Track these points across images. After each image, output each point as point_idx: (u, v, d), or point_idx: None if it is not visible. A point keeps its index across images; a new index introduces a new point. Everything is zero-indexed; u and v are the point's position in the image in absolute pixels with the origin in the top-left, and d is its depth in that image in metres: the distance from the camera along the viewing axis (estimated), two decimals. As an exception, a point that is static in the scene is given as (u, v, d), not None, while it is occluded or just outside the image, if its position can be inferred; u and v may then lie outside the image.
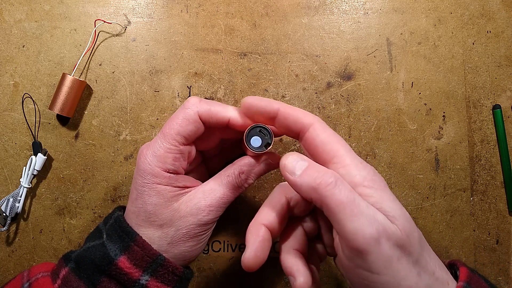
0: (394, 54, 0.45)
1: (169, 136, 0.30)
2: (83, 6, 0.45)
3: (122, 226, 0.30)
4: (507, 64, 0.45)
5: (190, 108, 0.31)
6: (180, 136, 0.30)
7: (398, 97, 0.45)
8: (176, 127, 0.30)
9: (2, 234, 0.44)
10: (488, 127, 0.45)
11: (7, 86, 0.45)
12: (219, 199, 0.31)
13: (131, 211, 0.31)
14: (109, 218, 0.33)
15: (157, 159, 0.30)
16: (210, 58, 0.45)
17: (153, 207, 0.30)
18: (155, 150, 0.30)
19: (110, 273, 0.28)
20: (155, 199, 0.30)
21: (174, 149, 0.30)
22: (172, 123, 0.31)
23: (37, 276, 0.30)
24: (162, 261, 0.29)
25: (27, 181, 0.43)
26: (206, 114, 0.31)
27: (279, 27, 0.45)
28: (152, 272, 0.29)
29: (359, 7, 0.45)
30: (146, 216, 0.30)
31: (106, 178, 0.45)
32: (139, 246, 0.29)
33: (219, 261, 0.45)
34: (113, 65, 0.45)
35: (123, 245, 0.29)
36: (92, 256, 0.29)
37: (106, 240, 0.30)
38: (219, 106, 0.31)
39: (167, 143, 0.30)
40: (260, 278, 0.44)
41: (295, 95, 0.45)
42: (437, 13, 0.45)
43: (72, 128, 0.45)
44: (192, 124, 0.31)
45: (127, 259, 0.29)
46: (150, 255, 0.29)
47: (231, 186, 0.32)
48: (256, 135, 0.30)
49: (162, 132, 0.31)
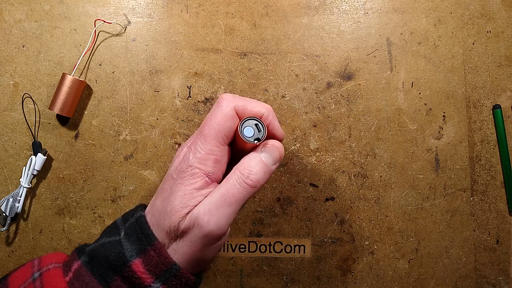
0: (394, 54, 0.45)
1: (209, 137, 0.29)
2: (83, 6, 0.45)
3: (143, 228, 0.29)
4: (507, 64, 0.45)
5: (226, 104, 0.30)
6: (221, 135, 0.30)
7: (398, 97, 0.45)
8: (215, 126, 0.29)
9: (2, 234, 0.44)
10: (488, 127, 0.45)
11: (7, 86, 0.45)
12: (232, 204, 0.30)
13: (158, 208, 0.30)
14: (129, 215, 0.32)
15: (198, 160, 0.29)
16: (210, 58, 0.45)
17: (173, 214, 0.29)
18: (196, 151, 0.29)
19: (122, 274, 0.28)
20: (178, 201, 0.29)
21: (215, 150, 0.30)
22: (210, 122, 0.30)
23: (48, 267, 0.30)
24: (176, 272, 0.29)
25: (27, 181, 0.43)
26: (241, 109, 0.30)
27: (279, 27, 0.45)
28: (165, 280, 0.28)
29: (359, 7, 0.45)
30: (164, 218, 0.29)
31: (106, 178, 0.45)
32: (156, 251, 0.28)
33: (219, 261, 0.45)
34: (113, 65, 0.45)
35: (140, 247, 0.29)
36: (107, 253, 0.29)
37: (123, 239, 0.29)
38: (253, 101, 0.31)
39: (208, 144, 0.29)
40: (260, 278, 0.44)
41: (295, 95, 0.45)
42: (437, 13, 0.45)
43: (72, 128, 0.45)
44: (230, 120, 0.30)
45: (142, 263, 0.28)
46: (165, 263, 0.28)
47: (237, 185, 0.30)
48: (250, 127, 0.30)
49: (202, 133, 0.30)
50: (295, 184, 0.45)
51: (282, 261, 0.45)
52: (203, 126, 0.30)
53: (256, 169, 0.29)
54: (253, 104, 0.31)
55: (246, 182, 0.29)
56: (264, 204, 0.45)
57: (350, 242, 0.45)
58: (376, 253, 0.45)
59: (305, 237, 0.45)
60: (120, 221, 0.32)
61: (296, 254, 0.45)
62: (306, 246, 0.45)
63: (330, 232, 0.45)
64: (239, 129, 0.30)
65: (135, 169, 0.45)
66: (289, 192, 0.45)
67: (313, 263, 0.45)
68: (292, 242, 0.45)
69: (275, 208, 0.45)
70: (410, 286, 0.45)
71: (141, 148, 0.45)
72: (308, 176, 0.45)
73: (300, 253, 0.45)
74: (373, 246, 0.45)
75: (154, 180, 0.45)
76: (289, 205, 0.45)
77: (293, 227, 0.45)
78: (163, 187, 0.31)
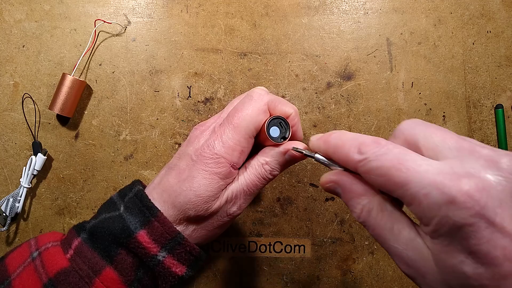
0: (394, 54, 0.45)
1: (239, 128, 0.29)
2: (83, 6, 0.45)
3: (144, 201, 0.29)
4: (507, 64, 0.45)
5: (260, 99, 0.30)
6: (251, 128, 0.30)
7: (398, 97, 0.45)
8: (248, 118, 0.29)
9: (2, 234, 0.44)
10: (488, 127, 0.45)
11: (7, 86, 0.45)
12: (246, 192, 0.31)
13: (173, 187, 0.30)
14: (127, 190, 0.32)
15: (225, 150, 0.29)
16: (210, 58, 0.45)
17: (196, 198, 0.29)
18: (224, 140, 0.29)
19: (128, 245, 0.28)
20: (203, 189, 0.29)
21: (243, 141, 0.30)
22: (242, 113, 0.30)
23: (46, 246, 0.30)
24: (181, 240, 0.29)
25: (27, 181, 0.43)
26: (272, 106, 0.31)
27: (279, 27, 0.45)
28: (170, 249, 0.29)
29: (359, 7, 0.45)
30: (185, 202, 0.29)
31: (106, 178, 0.45)
32: (160, 222, 0.29)
33: (219, 261, 0.45)
34: (113, 65, 0.45)
35: (143, 219, 0.29)
36: (111, 227, 0.29)
37: (124, 213, 0.29)
38: (282, 100, 0.32)
39: (239, 136, 0.29)
40: (260, 278, 0.44)
41: (295, 95, 0.45)
42: (437, 13, 0.45)
43: (72, 128, 0.45)
44: (262, 114, 0.30)
45: (147, 234, 0.28)
46: (170, 232, 0.29)
47: (257, 178, 0.31)
48: (276, 126, 0.31)
49: (231, 122, 0.30)
50: (295, 184, 0.45)
51: (282, 261, 0.45)
52: (233, 116, 0.30)
53: (279, 168, 0.31)
54: (283, 103, 0.31)
55: (269, 177, 0.31)
56: (264, 204, 0.45)
57: (350, 242, 0.45)
58: (376, 253, 0.45)
59: (305, 237, 0.45)
60: (116, 197, 0.32)
61: (296, 254, 0.45)
62: (306, 246, 0.45)
63: (330, 232, 0.45)
64: (266, 127, 0.30)
65: (135, 169, 0.45)
66: (289, 192, 0.45)
67: (313, 263, 0.45)
68: (292, 242, 0.45)
69: (275, 208, 0.45)
70: (410, 286, 0.45)
71: (141, 148, 0.45)
72: (308, 176, 0.45)
73: (300, 253, 0.45)
74: (373, 246, 0.45)
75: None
76: (289, 205, 0.45)
77: (293, 227, 0.45)
78: (178, 165, 0.31)
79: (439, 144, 0.20)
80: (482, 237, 0.17)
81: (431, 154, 0.21)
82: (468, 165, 0.19)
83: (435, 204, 0.18)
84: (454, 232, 0.18)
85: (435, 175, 0.19)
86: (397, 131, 0.23)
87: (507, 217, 0.17)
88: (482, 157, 0.19)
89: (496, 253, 0.17)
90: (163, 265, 0.28)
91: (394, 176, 0.20)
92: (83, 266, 0.28)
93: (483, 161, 0.18)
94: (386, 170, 0.20)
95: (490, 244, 0.17)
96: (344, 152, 0.23)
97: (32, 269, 0.28)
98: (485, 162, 0.18)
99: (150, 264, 0.28)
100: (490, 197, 0.17)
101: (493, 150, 0.19)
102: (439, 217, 0.18)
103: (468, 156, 0.19)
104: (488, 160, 0.18)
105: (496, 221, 0.17)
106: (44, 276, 0.28)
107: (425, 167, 0.19)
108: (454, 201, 0.18)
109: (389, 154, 0.20)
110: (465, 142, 0.20)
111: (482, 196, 0.17)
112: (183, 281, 0.30)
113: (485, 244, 0.17)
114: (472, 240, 0.17)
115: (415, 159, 0.20)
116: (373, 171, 0.21)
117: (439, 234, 0.19)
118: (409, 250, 0.21)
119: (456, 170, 0.19)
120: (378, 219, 0.22)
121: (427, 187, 0.19)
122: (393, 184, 0.20)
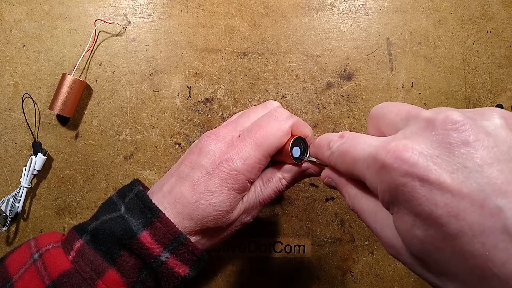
0: (394, 54, 0.45)
1: (263, 148, 0.29)
2: (83, 6, 0.45)
3: (145, 202, 0.30)
4: (507, 64, 0.45)
5: (284, 120, 0.31)
6: (273, 148, 0.30)
7: (398, 97, 0.45)
8: (271, 139, 0.30)
9: (2, 234, 0.44)
10: (488, 127, 0.45)
11: (7, 86, 0.45)
12: (261, 203, 0.33)
13: (188, 199, 0.29)
14: (126, 191, 0.32)
15: (246, 167, 0.29)
16: (210, 58, 0.45)
17: (215, 212, 0.29)
18: (245, 157, 0.29)
19: (131, 247, 0.28)
20: (222, 204, 0.30)
21: (263, 160, 0.30)
22: (265, 133, 0.30)
23: (47, 247, 0.30)
24: (183, 240, 0.29)
25: (27, 181, 0.43)
26: (295, 127, 0.31)
27: (279, 27, 0.45)
28: (173, 249, 0.29)
29: (359, 7, 0.45)
30: (203, 215, 0.29)
31: (106, 178, 0.45)
32: (162, 222, 0.29)
33: (219, 261, 0.45)
34: (113, 65, 0.45)
35: (145, 220, 0.29)
36: (113, 229, 0.29)
37: (125, 214, 0.29)
38: (301, 121, 0.32)
39: (260, 155, 0.30)
40: (260, 278, 0.44)
41: (295, 95, 0.45)
42: (437, 13, 0.45)
43: (72, 128, 0.45)
44: (285, 136, 0.30)
45: (149, 235, 0.28)
46: (172, 232, 0.29)
47: (273, 192, 0.32)
48: (297, 146, 0.31)
49: (253, 140, 0.30)
50: (295, 184, 0.45)
51: (282, 261, 0.45)
52: (255, 132, 0.30)
53: (293, 183, 0.33)
54: (304, 125, 0.32)
55: (284, 190, 0.33)
56: (264, 204, 0.45)
57: (350, 242, 0.45)
58: (376, 253, 0.45)
59: (305, 237, 0.45)
60: (116, 197, 0.32)
61: (296, 254, 0.45)
62: (306, 246, 0.45)
63: (330, 232, 0.45)
64: (290, 148, 0.31)
65: (135, 169, 0.45)
66: (289, 192, 0.45)
67: (313, 263, 0.45)
68: (292, 242, 0.45)
69: (275, 208, 0.45)
70: (410, 286, 0.45)
71: (141, 148, 0.45)
72: (308, 176, 0.45)
73: (300, 253, 0.45)
74: (373, 246, 0.45)
75: (154, 180, 0.45)
76: (289, 205, 0.45)
77: (293, 227, 0.45)
78: (192, 176, 0.30)
79: (393, 119, 0.21)
80: (420, 197, 0.16)
81: (390, 130, 0.21)
82: (408, 131, 0.19)
83: (374, 173, 0.19)
84: (396, 197, 0.18)
85: (374, 147, 0.19)
86: (367, 119, 0.25)
87: (444, 171, 0.16)
88: (423, 119, 0.19)
89: (438, 211, 0.16)
90: (166, 265, 0.28)
91: (347, 159, 0.21)
92: (85, 268, 0.28)
93: (423, 123, 0.19)
94: (342, 156, 0.22)
95: (430, 202, 0.16)
96: (321, 151, 0.26)
97: (34, 271, 0.28)
98: (424, 124, 0.18)
99: (153, 265, 0.28)
100: (422, 154, 0.17)
101: (434, 111, 0.19)
102: (379, 185, 0.19)
103: (413, 122, 0.19)
104: (427, 121, 0.18)
105: (431, 178, 0.16)
106: (46, 278, 0.28)
107: (369, 143, 0.20)
108: (384, 165, 0.18)
109: (346, 143, 0.22)
110: (414, 110, 0.20)
111: (411, 155, 0.17)
112: (186, 282, 0.30)
113: (425, 203, 0.16)
114: (413, 201, 0.17)
115: (364, 139, 0.21)
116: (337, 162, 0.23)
117: (387, 202, 0.19)
118: (385, 229, 0.21)
119: (395, 138, 0.19)
120: (361, 203, 0.24)
121: (367, 159, 0.20)
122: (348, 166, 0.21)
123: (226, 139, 0.31)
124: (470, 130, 0.16)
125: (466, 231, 0.15)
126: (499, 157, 0.16)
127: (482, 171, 0.16)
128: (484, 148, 0.16)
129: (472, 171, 0.16)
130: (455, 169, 0.16)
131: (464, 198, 0.15)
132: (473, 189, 0.15)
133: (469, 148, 0.16)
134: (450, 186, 0.16)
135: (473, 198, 0.15)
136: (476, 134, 0.16)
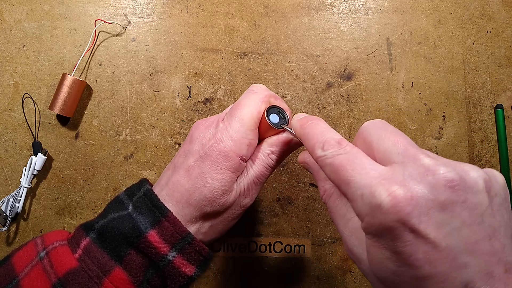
0: (394, 54, 0.45)
1: (245, 121, 0.30)
2: (83, 6, 0.45)
3: (153, 201, 0.30)
4: (507, 64, 0.45)
5: (260, 91, 0.32)
6: (255, 120, 0.31)
7: (398, 97, 0.45)
8: (251, 110, 0.30)
9: (2, 234, 0.44)
10: (488, 127, 0.45)
11: (7, 86, 0.45)
12: (256, 182, 0.32)
13: (185, 186, 0.30)
14: (134, 190, 0.32)
15: (233, 143, 0.30)
16: (210, 58, 0.45)
17: (211, 194, 0.30)
18: (231, 135, 0.30)
19: (138, 245, 0.28)
20: (217, 184, 0.30)
21: (249, 133, 0.30)
22: (245, 108, 0.31)
23: (54, 245, 0.30)
24: (191, 240, 0.29)
25: (27, 181, 0.43)
26: (273, 99, 0.32)
27: (279, 27, 0.45)
28: (180, 249, 0.29)
29: (359, 7, 0.45)
30: (200, 199, 0.30)
31: (106, 178, 0.45)
32: (170, 222, 0.29)
33: (219, 261, 0.45)
34: (113, 65, 0.45)
35: (153, 219, 0.29)
36: (120, 227, 0.29)
37: (133, 212, 0.29)
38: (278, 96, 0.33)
39: (244, 128, 0.30)
40: (260, 278, 0.44)
41: (295, 95, 0.45)
42: (437, 13, 0.45)
43: (72, 128, 0.45)
44: (264, 104, 0.31)
45: (157, 233, 0.28)
46: (180, 232, 0.29)
47: (264, 168, 0.32)
48: (274, 113, 0.32)
49: (235, 115, 0.30)
50: (295, 184, 0.45)
51: (282, 261, 0.45)
52: (236, 108, 0.31)
53: (283, 155, 0.33)
54: (281, 100, 0.33)
55: (275, 164, 0.33)
56: (264, 204, 0.45)
57: (350, 242, 0.45)
58: (376, 253, 0.45)
59: (305, 237, 0.45)
60: (124, 196, 0.32)
61: (296, 254, 0.45)
62: (306, 246, 0.45)
63: (330, 232, 0.45)
64: (265, 114, 0.31)
65: (135, 169, 0.45)
66: (289, 192, 0.45)
67: (313, 263, 0.45)
68: (292, 242, 0.45)
69: (275, 208, 0.45)
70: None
71: (141, 148, 0.45)
72: (308, 176, 0.45)
73: (300, 253, 0.45)
74: (373, 246, 0.45)
75: (154, 180, 0.45)
76: (289, 205, 0.45)
77: (293, 227, 0.45)
78: (186, 163, 0.31)
79: (389, 148, 0.22)
80: (405, 241, 0.19)
81: (382, 157, 0.22)
82: (407, 172, 0.20)
83: (367, 205, 0.20)
84: (381, 232, 0.19)
85: (373, 178, 0.20)
86: (358, 131, 0.25)
87: (431, 225, 0.18)
88: (423, 166, 0.20)
89: (417, 256, 0.18)
90: (173, 265, 0.29)
91: (341, 174, 0.22)
92: (92, 266, 0.28)
93: (423, 169, 0.20)
94: (337, 168, 0.22)
95: (412, 247, 0.18)
96: (311, 144, 0.25)
97: (40, 268, 0.28)
98: (424, 171, 0.20)
99: (160, 264, 0.28)
100: (418, 205, 0.18)
101: (434, 159, 0.20)
102: (368, 217, 0.20)
103: (411, 163, 0.20)
104: (427, 168, 0.20)
105: (420, 229, 0.18)
106: (53, 276, 0.27)
107: (368, 170, 0.21)
108: (381, 206, 0.19)
109: (344, 155, 0.22)
110: (412, 149, 0.21)
111: (408, 204, 0.18)
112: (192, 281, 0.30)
113: (408, 247, 0.19)
114: (397, 242, 0.19)
115: (363, 162, 0.22)
116: (327, 167, 0.23)
117: (369, 231, 0.20)
118: (353, 237, 0.24)
119: (394, 176, 0.20)
120: (335, 204, 0.26)
121: (363, 188, 0.20)
122: (340, 181, 0.22)
123: (214, 124, 0.32)
124: (462, 191, 0.19)
125: (434, 276, 0.18)
126: (474, 220, 0.18)
127: (461, 230, 0.18)
128: (468, 210, 0.19)
129: (454, 229, 0.18)
130: (441, 225, 0.18)
131: (441, 251, 0.18)
132: (450, 245, 0.18)
133: (457, 207, 0.18)
134: (433, 239, 0.18)
135: (448, 252, 0.18)
136: (465, 195, 0.19)
